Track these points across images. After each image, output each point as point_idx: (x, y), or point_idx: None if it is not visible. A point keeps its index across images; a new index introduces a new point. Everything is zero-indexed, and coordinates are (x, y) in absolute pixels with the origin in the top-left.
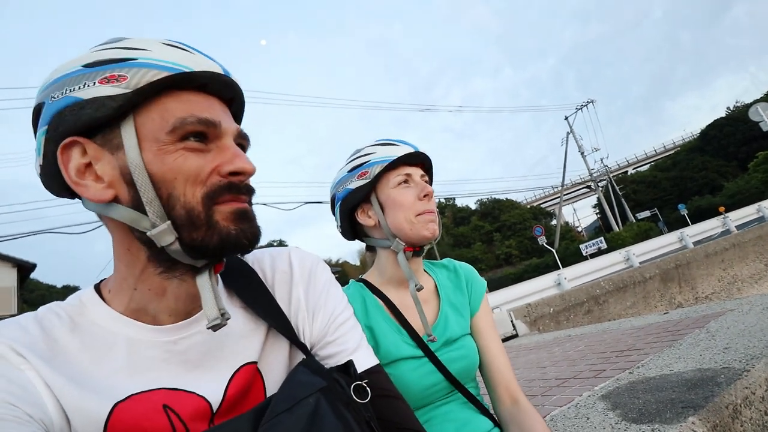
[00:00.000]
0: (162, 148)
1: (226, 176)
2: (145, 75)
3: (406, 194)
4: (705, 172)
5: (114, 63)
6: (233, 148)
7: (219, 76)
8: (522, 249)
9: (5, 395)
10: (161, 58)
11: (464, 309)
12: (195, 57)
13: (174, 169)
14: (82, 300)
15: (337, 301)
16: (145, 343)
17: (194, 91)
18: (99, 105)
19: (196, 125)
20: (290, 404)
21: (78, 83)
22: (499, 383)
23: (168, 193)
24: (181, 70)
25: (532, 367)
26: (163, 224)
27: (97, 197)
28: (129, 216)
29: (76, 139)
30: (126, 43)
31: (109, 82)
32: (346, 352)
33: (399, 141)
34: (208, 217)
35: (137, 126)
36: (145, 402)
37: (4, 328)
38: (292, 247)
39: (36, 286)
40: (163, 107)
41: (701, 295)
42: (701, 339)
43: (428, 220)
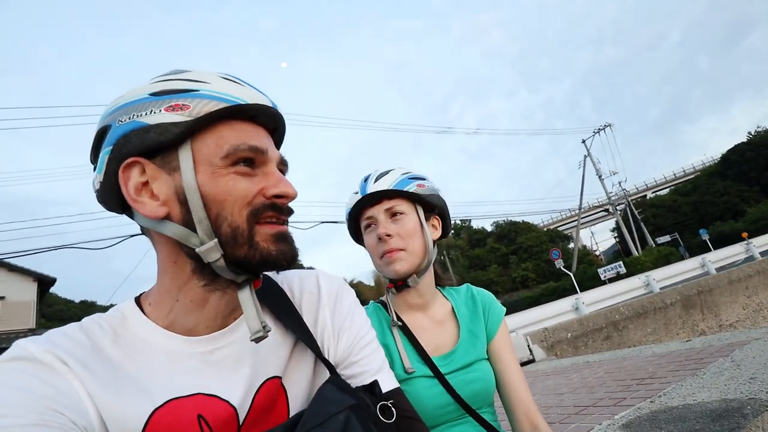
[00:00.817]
0: (216, 172)
1: (270, 198)
2: (205, 105)
3: (369, 239)
4: (726, 197)
5: (178, 93)
6: (277, 173)
7: (267, 109)
8: (539, 272)
9: (51, 403)
10: (219, 90)
11: (481, 333)
12: (248, 90)
13: (225, 190)
14: (124, 312)
15: (362, 324)
16: (183, 354)
17: (245, 121)
18: (163, 130)
19: (247, 152)
20: (321, 420)
21: (145, 109)
22: (517, 408)
23: (217, 213)
24: (236, 102)
25: (549, 393)
26: (210, 242)
27: (152, 213)
28: (180, 232)
29: (137, 160)
30: (188, 75)
31: (173, 110)
32: (369, 372)
33: (361, 184)
34: (251, 236)
35: (194, 150)
36: (180, 409)
37: (52, 337)
38: (319, 270)
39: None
40: (218, 134)
41: (725, 322)
42: (726, 368)
43: (388, 261)
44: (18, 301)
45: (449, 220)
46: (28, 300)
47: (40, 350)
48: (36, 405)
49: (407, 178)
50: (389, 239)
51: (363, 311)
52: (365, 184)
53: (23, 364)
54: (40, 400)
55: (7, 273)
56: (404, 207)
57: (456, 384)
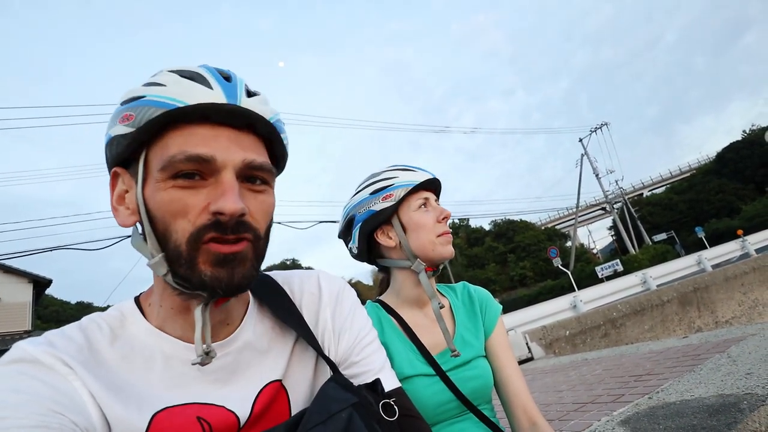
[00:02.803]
0: (156, 185)
1: (213, 214)
2: (146, 113)
3: (427, 217)
4: (722, 195)
5: (130, 102)
6: (226, 183)
7: (219, 107)
8: (536, 270)
9: (52, 404)
10: (165, 94)
11: (478, 331)
12: (200, 89)
13: (163, 206)
14: (123, 312)
15: (363, 324)
16: (179, 360)
17: (198, 124)
18: (117, 142)
19: (185, 163)
20: (324, 417)
21: (113, 120)
22: (516, 405)
23: (164, 228)
24: (174, 105)
25: (548, 391)
26: (157, 256)
27: (123, 222)
28: (138, 243)
29: (116, 170)
30: (155, 77)
31: (123, 121)
32: (370, 372)
33: (415, 167)
34: (191, 258)
35: (147, 161)
36: (180, 414)
37: (52, 338)
38: (320, 270)
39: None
40: (164, 143)
41: (721, 319)
42: (722, 364)
43: (447, 241)
44: (13, 302)
45: None
46: (23, 301)
47: (41, 352)
48: (37, 407)
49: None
50: (445, 222)
51: (364, 311)
52: (422, 170)
53: (24, 366)
54: (41, 402)
55: (3, 274)
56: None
57: (456, 381)
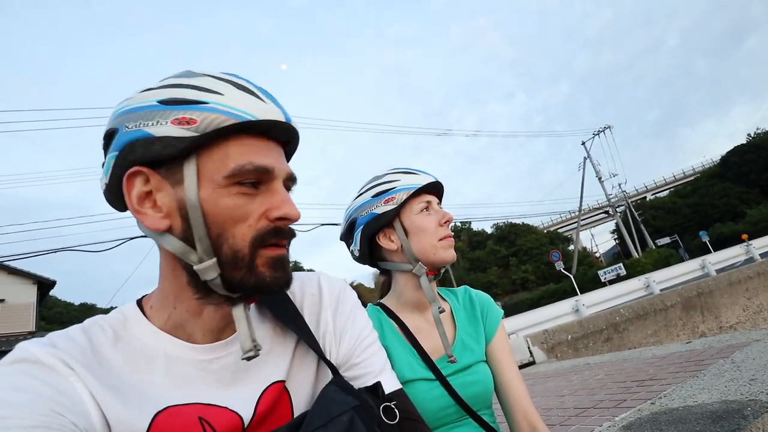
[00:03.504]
0: (217, 190)
1: (273, 221)
2: (213, 121)
3: (429, 220)
4: (726, 199)
5: (187, 104)
6: (282, 192)
7: (280, 124)
8: (539, 274)
9: (53, 405)
10: (230, 103)
11: (479, 336)
12: (261, 104)
13: (227, 211)
14: (125, 314)
15: (363, 325)
16: (182, 360)
17: (256, 136)
18: (167, 143)
19: (252, 173)
20: (325, 420)
21: (152, 119)
22: (516, 410)
23: (218, 232)
24: (245, 118)
25: (550, 395)
26: (209, 261)
27: (154, 226)
28: (179, 248)
29: (141, 169)
30: (201, 81)
31: (180, 123)
32: (371, 374)
33: (417, 170)
34: (251, 261)
35: (199, 165)
36: (182, 414)
37: (55, 339)
38: (320, 272)
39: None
40: (225, 151)
41: (725, 324)
42: (726, 370)
43: (449, 245)
44: (18, 303)
45: None
46: (28, 302)
47: (43, 352)
48: (38, 407)
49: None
50: (447, 226)
51: (365, 313)
52: (424, 173)
53: (26, 366)
54: (43, 402)
55: (7, 275)
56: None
57: (456, 386)
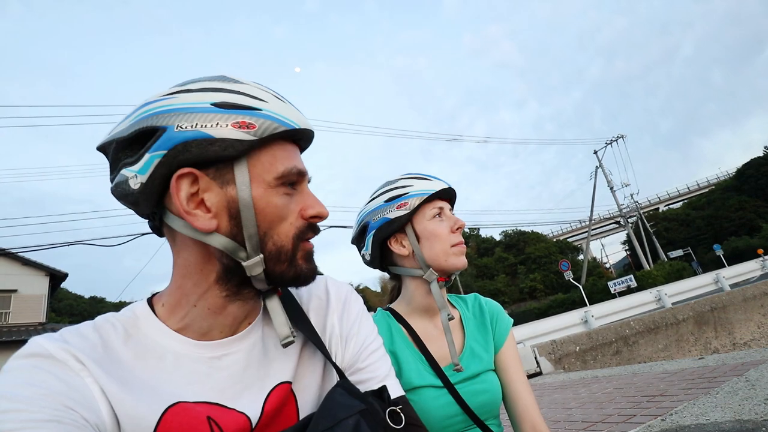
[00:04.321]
0: (268, 190)
1: (308, 219)
2: (269, 126)
3: (441, 227)
4: (742, 212)
5: (244, 110)
6: (311, 194)
7: (311, 133)
8: (547, 283)
9: (65, 399)
10: (277, 111)
11: (488, 344)
12: (297, 113)
13: (275, 209)
14: (136, 313)
15: (369, 331)
16: (191, 358)
17: (291, 142)
18: (228, 145)
19: (295, 175)
20: (331, 423)
21: (210, 121)
22: (524, 420)
23: (265, 229)
24: (292, 126)
25: (557, 407)
26: (257, 257)
27: (205, 226)
28: (229, 245)
29: (191, 171)
30: (246, 89)
31: (240, 127)
32: (376, 379)
33: (430, 176)
34: (293, 255)
35: (249, 166)
36: (190, 412)
37: (67, 335)
38: (327, 275)
39: (65, 296)
40: (272, 154)
41: (739, 341)
42: (740, 388)
43: (461, 251)
44: (30, 294)
45: None
46: (39, 294)
47: (55, 347)
48: (50, 401)
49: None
50: (459, 232)
51: (370, 318)
52: (437, 179)
53: (39, 360)
54: (54, 397)
55: (21, 267)
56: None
57: (464, 394)
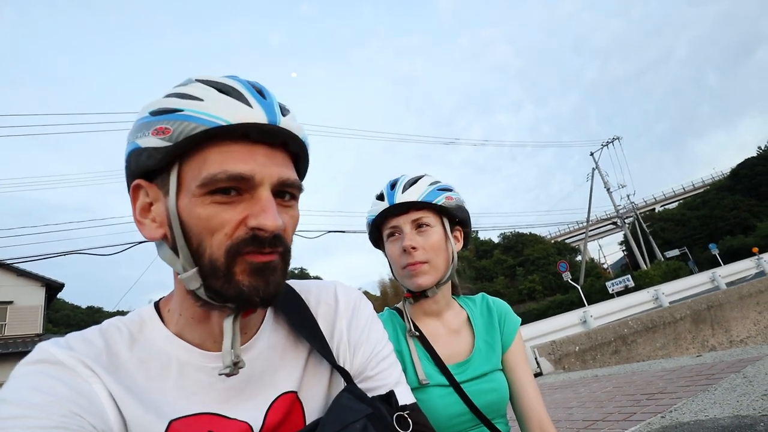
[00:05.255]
0: (193, 200)
1: (251, 229)
2: (185, 128)
3: (393, 248)
4: (736, 212)
5: (166, 114)
6: (264, 200)
7: (260, 127)
8: (546, 284)
9: (73, 406)
10: (204, 109)
11: (496, 344)
12: (240, 107)
13: (201, 221)
14: (142, 317)
15: (379, 338)
16: (194, 367)
17: (237, 141)
18: (149, 154)
19: (226, 181)
20: (338, 428)
21: (141, 131)
22: (531, 420)
23: (198, 242)
24: (217, 124)
25: (557, 407)
26: (191, 270)
27: (150, 235)
28: (169, 257)
29: (140, 183)
30: (188, 88)
31: (158, 133)
32: (385, 387)
33: (387, 191)
34: (228, 270)
35: (180, 174)
36: (192, 425)
37: (73, 341)
38: (337, 281)
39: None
40: (202, 159)
41: (736, 338)
42: (738, 384)
43: (411, 274)
44: (26, 305)
45: (470, 230)
46: (36, 305)
47: (64, 354)
48: (58, 408)
49: (436, 189)
50: (414, 252)
51: (380, 324)
52: (392, 192)
53: (46, 366)
54: (62, 403)
55: (16, 278)
56: (431, 219)
57: (471, 393)
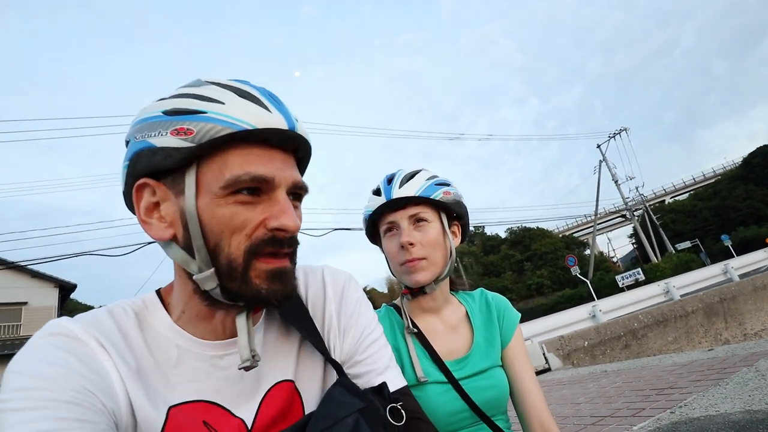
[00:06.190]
0: (214, 200)
1: (271, 230)
2: (210, 131)
3: (390, 244)
4: (749, 202)
5: (186, 114)
6: (282, 202)
7: (281, 132)
8: (554, 279)
9: (85, 382)
10: (229, 112)
11: (495, 340)
12: (262, 112)
13: (223, 221)
14: (145, 302)
15: (368, 320)
16: (192, 354)
17: (256, 145)
18: (167, 154)
19: (248, 182)
20: (330, 423)
21: (155, 129)
22: (532, 417)
23: (215, 243)
24: (242, 127)
25: (565, 403)
26: (207, 271)
27: (158, 236)
28: (181, 257)
29: (147, 182)
30: (204, 90)
31: (178, 134)
32: (375, 371)
33: (384, 186)
34: (245, 272)
35: (199, 175)
36: (189, 412)
37: (87, 319)
38: (325, 264)
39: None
40: (223, 161)
41: (750, 331)
42: (750, 378)
43: (409, 270)
44: (40, 306)
45: (468, 226)
46: (49, 305)
47: (78, 328)
48: (71, 382)
49: (434, 184)
50: (411, 248)
51: (370, 306)
52: (389, 187)
53: (61, 339)
54: (76, 378)
55: (30, 279)
56: (429, 214)
57: (470, 390)
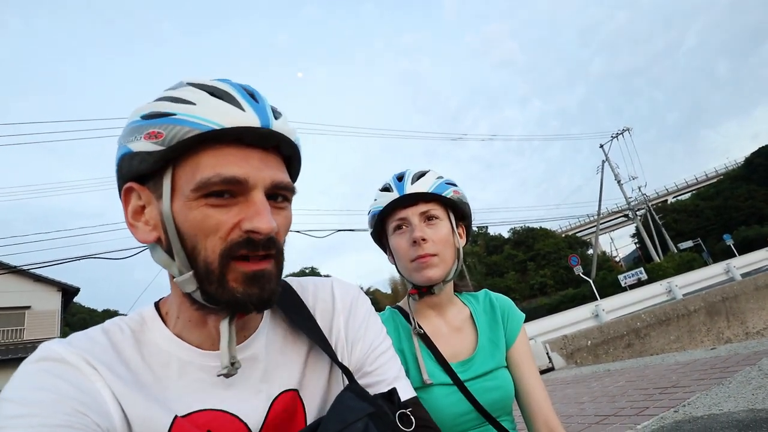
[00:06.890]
0: (186, 203)
1: (246, 232)
2: (178, 132)
3: (400, 241)
4: (751, 201)
5: (158, 118)
6: (258, 203)
7: (254, 130)
8: (557, 279)
9: (77, 404)
10: (198, 113)
11: (500, 341)
12: (233, 110)
13: (195, 224)
14: (144, 317)
15: (377, 333)
16: (194, 366)
17: (230, 145)
18: (141, 159)
19: (220, 185)
20: (340, 428)
21: (133, 135)
22: (537, 417)
23: (193, 245)
24: (210, 127)
25: (569, 402)
26: (186, 274)
27: (143, 238)
28: (164, 260)
29: (132, 186)
30: (179, 92)
31: (150, 137)
32: (384, 382)
33: (395, 183)
34: (221, 275)
35: (174, 178)
36: (196, 421)
37: (78, 340)
38: (334, 278)
39: (78, 310)
40: (195, 162)
41: (752, 330)
42: (753, 377)
43: (421, 266)
44: (43, 310)
45: (471, 228)
46: (52, 309)
47: (67, 351)
48: (62, 406)
49: (444, 182)
50: (424, 243)
51: (378, 319)
52: (400, 183)
53: (50, 364)
54: (67, 402)
55: (33, 283)
56: (439, 212)
57: (475, 392)
